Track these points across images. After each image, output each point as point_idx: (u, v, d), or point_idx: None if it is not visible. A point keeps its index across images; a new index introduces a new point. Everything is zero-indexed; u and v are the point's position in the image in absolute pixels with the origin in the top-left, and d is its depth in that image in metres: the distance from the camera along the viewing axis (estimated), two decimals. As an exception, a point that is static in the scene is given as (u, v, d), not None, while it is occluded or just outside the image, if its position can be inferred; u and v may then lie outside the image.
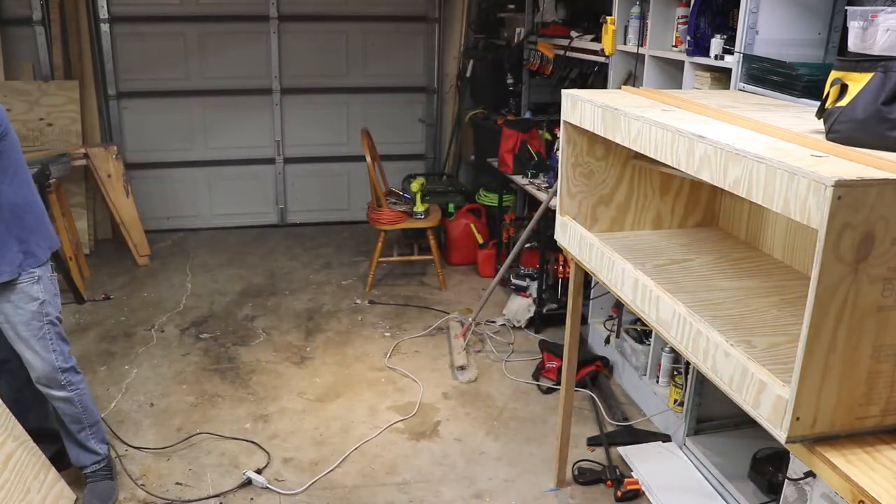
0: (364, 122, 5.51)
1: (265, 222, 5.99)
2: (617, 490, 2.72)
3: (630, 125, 1.86)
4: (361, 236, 5.70)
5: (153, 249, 5.18)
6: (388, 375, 3.63)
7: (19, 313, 2.38)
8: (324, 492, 2.76)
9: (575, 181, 2.33)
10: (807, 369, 1.30)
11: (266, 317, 4.27)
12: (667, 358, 3.15)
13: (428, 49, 5.97)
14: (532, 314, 4.10)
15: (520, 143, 4.41)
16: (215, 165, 5.78)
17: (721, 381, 1.56)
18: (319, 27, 5.69)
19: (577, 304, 2.54)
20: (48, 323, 2.44)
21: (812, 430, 1.35)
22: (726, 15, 2.78)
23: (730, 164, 1.47)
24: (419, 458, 2.97)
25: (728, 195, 2.41)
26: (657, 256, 2.21)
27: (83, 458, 2.62)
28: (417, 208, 4.59)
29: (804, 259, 2.09)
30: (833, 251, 1.23)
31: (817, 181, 1.23)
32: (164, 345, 3.88)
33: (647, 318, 1.87)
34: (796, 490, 2.12)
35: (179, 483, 2.77)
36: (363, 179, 5.45)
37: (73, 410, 2.54)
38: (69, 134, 5.00)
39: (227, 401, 3.36)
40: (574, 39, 4.01)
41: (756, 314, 1.82)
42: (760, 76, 2.37)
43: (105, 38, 5.30)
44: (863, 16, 1.49)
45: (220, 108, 5.67)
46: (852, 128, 1.46)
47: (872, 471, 1.29)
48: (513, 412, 3.32)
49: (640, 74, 3.29)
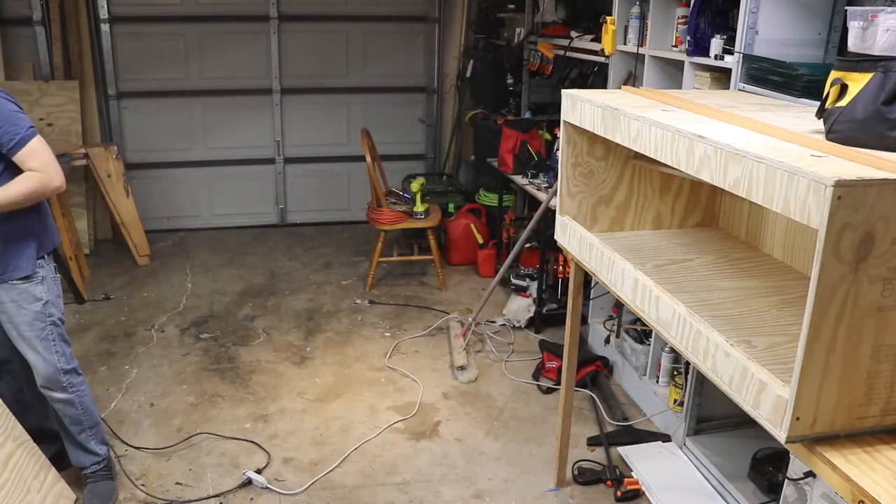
0: (364, 122, 5.51)
1: (265, 222, 5.99)
2: (617, 490, 2.72)
3: (630, 125, 1.86)
4: (361, 236, 5.70)
5: (153, 249, 5.19)
6: (388, 375, 3.63)
7: (23, 313, 2.38)
8: (324, 492, 2.76)
9: (575, 181, 2.33)
10: (807, 369, 1.30)
11: (266, 317, 4.27)
12: (667, 358, 3.15)
13: (428, 49, 5.97)
14: (532, 314, 4.10)
15: (520, 143, 4.41)
16: (215, 165, 5.78)
17: (721, 381, 1.56)
18: (319, 27, 5.69)
19: (577, 304, 2.54)
20: (51, 324, 2.44)
21: (812, 430, 1.35)
22: (726, 15, 2.78)
23: (730, 164, 1.47)
24: (419, 458, 2.97)
25: (728, 195, 2.41)
26: (657, 256, 2.21)
27: (83, 458, 2.62)
28: (417, 208, 4.59)
29: (804, 259, 2.09)
30: (833, 251, 1.23)
31: (817, 181, 1.23)
32: (164, 345, 3.88)
33: (647, 318, 1.87)
34: (796, 490, 2.12)
35: (179, 483, 2.77)
36: (363, 179, 5.45)
37: (74, 412, 2.54)
38: (69, 134, 5.00)
39: (227, 401, 3.36)
40: (574, 39, 4.01)
41: (756, 314, 1.82)
42: (760, 76, 2.37)
43: (105, 38, 5.30)
44: (863, 16, 1.49)
45: (220, 108, 5.68)
46: (852, 128, 1.46)
47: (872, 471, 1.29)
48: (513, 412, 3.32)
49: (640, 74, 3.29)
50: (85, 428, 2.59)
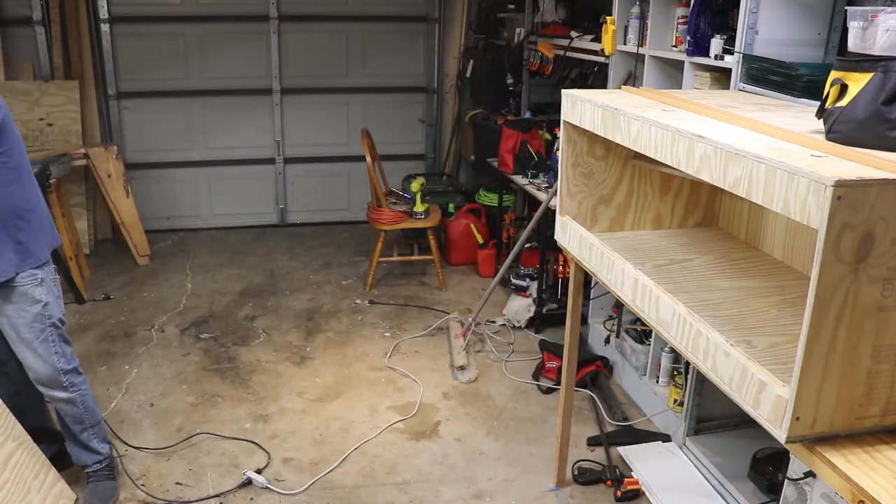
0: (364, 122, 5.51)
1: (265, 222, 5.99)
2: (617, 490, 2.72)
3: (630, 125, 1.86)
4: (361, 236, 5.70)
5: (153, 249, 5.19)
6: (388, 375, 3.63)
7: (22, 315, 2.38)
8: (324, 492, 2.76)
9: (575, 181, 2.33)
10: (807, 369, 1.30)
11: (266, 317, 4.27)
12: (667, 358, 3.15)
13: (428, 49, 5.97)
14: (532, 314, 4.10)
15: (520, 143, 4.41)
16: (215, 165, 5.78)
17: (721, 381, 1.56)
18: (319, 27, 5.69)
19: (577, 304, 2.54)
20: (51, 325, 2.43)
21: (812, 430, 1.35)
22: (726, 15, 2.78)
23: (730, 164, 1.47)
24: (419, 458, 2.97)
25: (728, 195, 2.41)
26: (657, 256, 2.21)
27: (85, 457, 2.62)
28: (417, 208, 4.59)
29: (804, 259, 2.09)
30: (833, 251, 1.23)
31: (817, 181, 1.23)
32: (164, 345, 3.88)
33: (647, 318, 1.87)
34: (796, 490, 2.12)
35: (179, 483, 2.77)
36: (363, 179, 5.45)
37: (76, 411, 2.54)
38: (69, 134, 5.00)
39: (227, 401, 3.36)
40: (574, 39, 4.01)
41: (756, 314, 1.82)
42: (760, 76, 2.37)
43: (105, 38, 5.30)
44: (863, 16, 1.49)
45: (220, 108, 5.68)
46: (852, 128, 1.46)
47: (872, 471, 1.29)
48: (513, 412, 3.32)
49: (640, 74, 3.29)
50: (87, 427, 2.58)
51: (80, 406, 2.54)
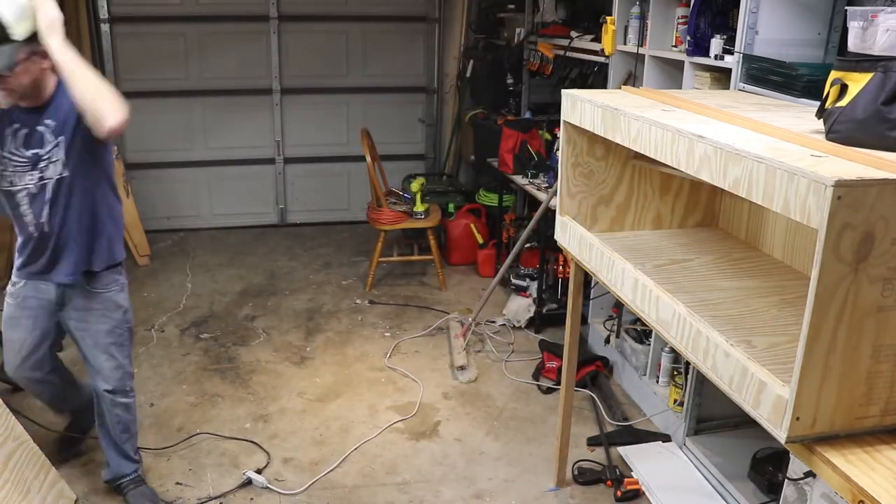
0: (364, 122, 5.51)
1: (265, 222, 5.98)
2: (617, 490, 2.72)
3: (630, 125, 1.86)
4: (361, 236, 5.70)
5: (153, 249, 5.19)
6: (388, 375, 3.63)
7: (105, 321, 2.40)
8: (324, 492, 2.76)
9: (575, 181, 2.33)
10: (807, 369, 1.30)
11: (266, 317, 4.27)
12: (667, 358, 3.15)
13: (428, 49, 5.97)
14: (532, 314, 4.10)
15: (520, 143, 4.41)
16: (215, 165, 5.78)
17: (721, 381, 1.56)
18: (319, 27, 5.69)
19: (577, 304, 2.54)
20: (128, 330, 2.48)
21: (812, 430, 1.35)
22: (726, 15, 2.78)
23: (730, 164, 1.47)
24: (419, 458, 2.97)
25: (728, 195, 2.41)
26: (657, 256, 2.21)
27: (124, 467, 2.62)
28: (417, 208, 4.59)
29: (804, 259, 2.09)
30: (833, 251, 1.23)
31: (817, 181, 1.23)
32: (164, 345, 3.88)
33: (647, 318, 1.87)
34: (796, 490, 2.12)
35: (179, 483, 2.77)
36: (363, 179, 5.45)
37: (128, 418, 2.57)
38: (69, 134, 5.00)
39: (227, 401, 3.36)
40: (574, 39, 4.01)
41: (756, 314, 1.82)
42: (760, 76, 2.37)
43: (105, 38, 5.30)
44: (863, 16, 1.49)
45: (220, 108, 5.67)
46: (852, 128, 1.46)
47: (872, 471, 1.29)
48: (513, 412, 3.32)
49: (640, 74, 3.29)
50: (132, 435, 2.62)
51: (132, 412, 2.59)
